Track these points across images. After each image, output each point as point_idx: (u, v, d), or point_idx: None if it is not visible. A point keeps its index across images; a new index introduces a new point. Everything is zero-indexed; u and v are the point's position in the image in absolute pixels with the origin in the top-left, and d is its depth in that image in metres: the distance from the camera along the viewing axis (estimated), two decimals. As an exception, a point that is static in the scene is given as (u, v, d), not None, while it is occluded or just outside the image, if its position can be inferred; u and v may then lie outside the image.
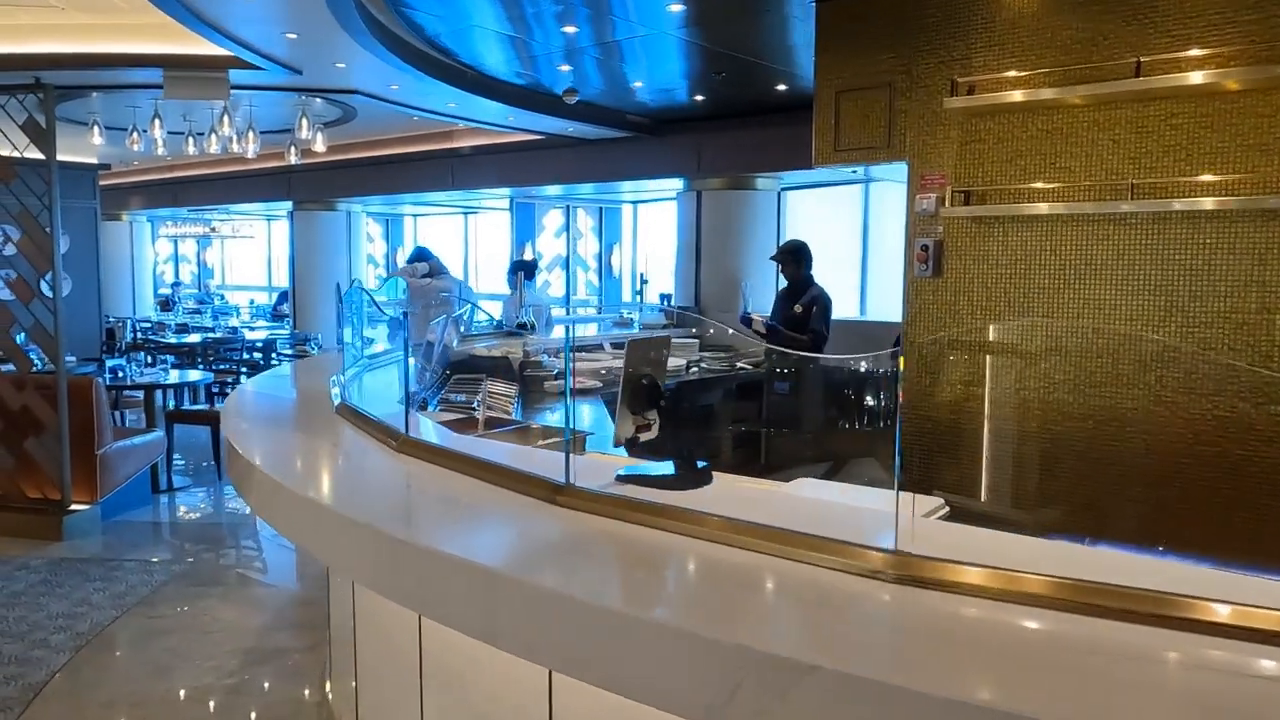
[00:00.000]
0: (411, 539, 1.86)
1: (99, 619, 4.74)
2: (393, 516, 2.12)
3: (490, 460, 2.30)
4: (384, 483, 2.44)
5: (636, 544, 1.83)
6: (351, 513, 2.04)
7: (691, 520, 1.84)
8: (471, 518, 2.08)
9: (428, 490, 2.31)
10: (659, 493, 2.10)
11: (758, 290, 8.06)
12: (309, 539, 2.26)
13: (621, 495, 2.01)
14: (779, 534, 1.73)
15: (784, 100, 6.94)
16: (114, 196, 14.29)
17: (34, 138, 5.95)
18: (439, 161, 9.99)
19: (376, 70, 5.65)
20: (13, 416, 6.13)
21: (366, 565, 2.02)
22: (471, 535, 1.95)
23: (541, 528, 1.97)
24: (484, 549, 1.86)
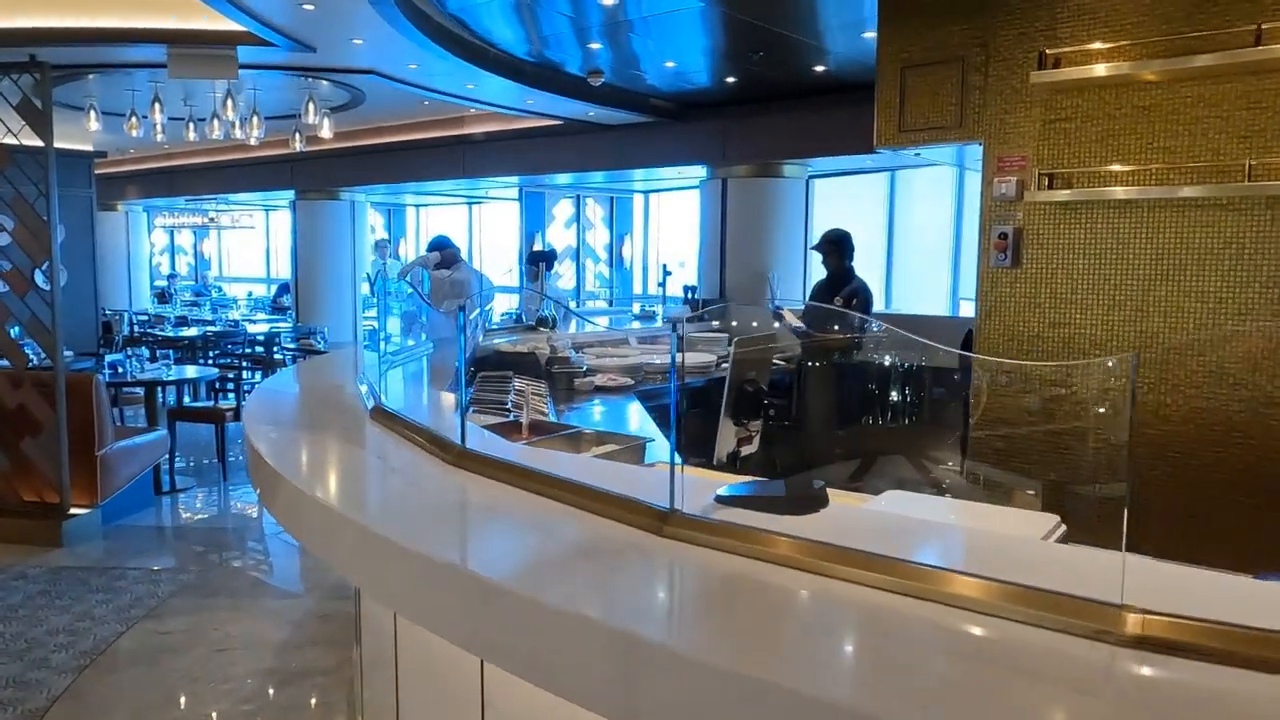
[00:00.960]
0: (509, 586, 1.54)
1: (103, 635, 4.42)
2: (471, 552, 1.80)
3: (571, 479, 1.98)
4: (443, 504, 2.12)
5: (785, 592, 1.51)
6: (418, 545, 1.72)
7: (849, 562, 1.52)
8: (566, 553, 1.75)
9: (498, 514, 1.98)
10: (775, 519, 1.78)
11: (785, 281, 7.74)
12: (364, 575, 1.93)
13: (746, 526, 1.69)
14: (1003, 590, 1.39)
15: (820, 83, 6.61)
16: (109, 186, 13.90)
17: (30, 120, 5.59)
18: (449, 149, 9.64)
19: (395, 47, 5.31)
20: (8, 415, 5.78)
21: (442, 613, 1.70)
22: (574, 578, 1.63)
23: (656, 567, 1.65)
24: (596, 598, 1.54)
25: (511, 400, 4.42)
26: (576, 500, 1.94)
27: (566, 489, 1.97)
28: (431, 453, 2.44)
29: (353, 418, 3.12)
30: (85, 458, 5.91)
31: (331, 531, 1.99)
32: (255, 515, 6.83)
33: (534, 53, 6.05)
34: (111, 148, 12.21)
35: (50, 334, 5.71)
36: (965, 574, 1.43)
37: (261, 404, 3.40)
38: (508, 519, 1.95)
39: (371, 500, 2.08)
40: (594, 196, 12.42)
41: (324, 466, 2.41)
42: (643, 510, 1.81)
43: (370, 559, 1.88)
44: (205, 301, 15.85)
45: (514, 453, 2.28)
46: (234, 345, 10.99)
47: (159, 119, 8.02)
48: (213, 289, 18.41)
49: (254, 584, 5.16)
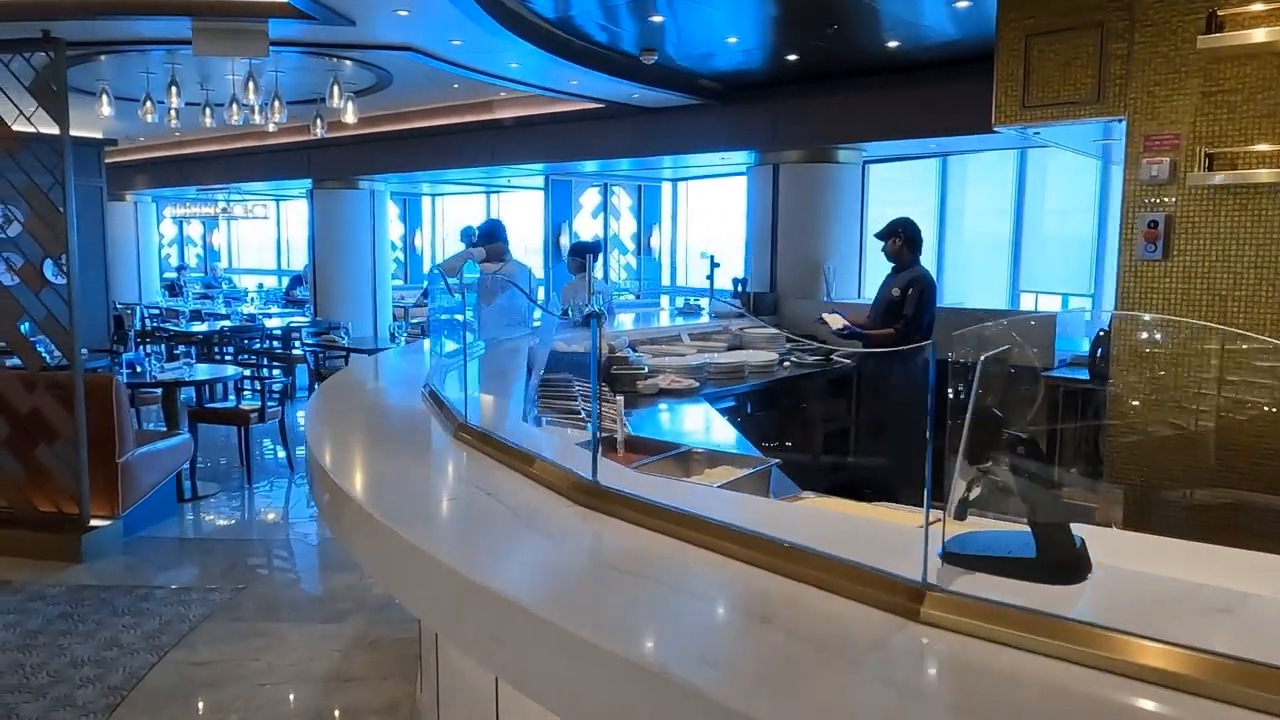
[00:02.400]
0: (722, 697, 1.12)
1: (132, 667, 4.01)
2: (655, 641, 1.37)
3: (761, 535, 1.55)
4: (594, 563, 1.69)
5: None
6: (580, 626, 1.31)
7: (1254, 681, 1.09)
8: (786, 645, 1.32)
9: (671, 581, 1.55)
10: (1030, 589, 1.37)
11: (841, 274, 7.31)
12: (502, 659, 1.51)
13: (1039, 612, 1.27)
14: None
15: (887, 60, 6.17)
16: (118, 174, 13.46)
17: (44, 102, 5.16)
18: (478, 134, 9.19)
19: (442, 19, 4.87)
20: (22, 420, 5.37)
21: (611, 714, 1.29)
22: (807, 683, 1.20)
23: (923, 674, 1.23)
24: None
25: (582, 409, 4.02)
26: (773, 562, 1.51)
27: (757, 547, 1.54)
28: (550, 486, 2.02)
29: (433, 436, 2.70)
30: (105, 465, 5.50)
31: (457, 602, 1.57)
32: (283, 522, 6.43)
33: (585, 27, 5.60)
34: (121, 135, 11.77)
35: (67, 333, 5.29)
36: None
37: (323, 419, 2.97)
38: (687, 589, 1.52)
39: (501, 557, 1.66)
40: (622, 184, 11.96)
41: (426, 507, 1.99)
42: (881, 583, 1.38)
43: (514, 639, 1.46)
44: (218, 294, 15.42)
45: (663, 492, 1.86)
46: (250, 341, 10.57)
47: (175, 103, 7.59)
48: (223, 281, 17.98)
49: (292, 605, 4.75)
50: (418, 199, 16.24)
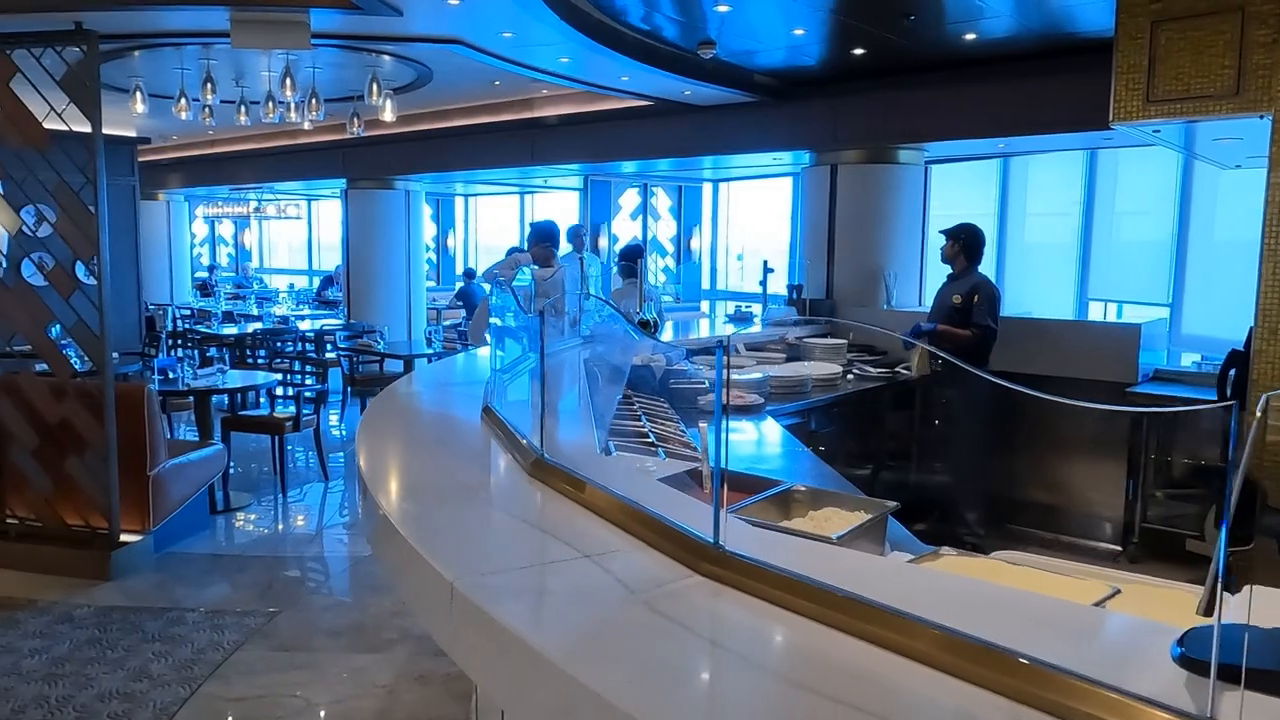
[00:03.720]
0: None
1: (162, 702, 3.74)
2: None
3: (1007, 650, 1.21)
4: (749, 672, 1.36)
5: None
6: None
7: None
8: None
9: (856, 692, 1.22)
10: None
11: (902, 280, 6.94)
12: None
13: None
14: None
15: (961, 55, 5.81)
16: (150, 173, 13.30)
17: (75, 97, 4.92)
18: (518, 133, 8.90)
19: (495, 11, 4.58)
20: (51, 431, 5.13)
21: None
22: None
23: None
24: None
25: (650, 430, 3.69)
26: (1020, 688, 1.17)
27: (988, 662, 1.20)
28: (660, 549, 1.70)
29: (504, 473, 2.39)
30: (136, 478, 5.26)
31: (570, 715, 1.25)
32: (319, 537, 6.17)
33: (641, 19, 5.28)
34: (155, 133, 11.60)
35: (98, 340, 5.04)
36: None
37: (377, 449, 2.67)
38: (878, 705, 1.19)
39: (621, 656, 1.34)
40: (662, 185, 11.64)
41: (518, 577, 1.66)
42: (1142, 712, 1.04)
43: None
44: (249, 295, 15.26)
45: (807, 561, 1.53)
46: (283, 343, 10.35)
47: (210, 100, 7.35)
48: (254, 281, 17.85)
49: (332, 633, 4.46)
50: (451, 199, 16.01)
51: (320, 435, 7.28)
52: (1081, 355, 5.79)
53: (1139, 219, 7.59)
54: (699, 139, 7.78)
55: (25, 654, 4.14)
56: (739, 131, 7.50)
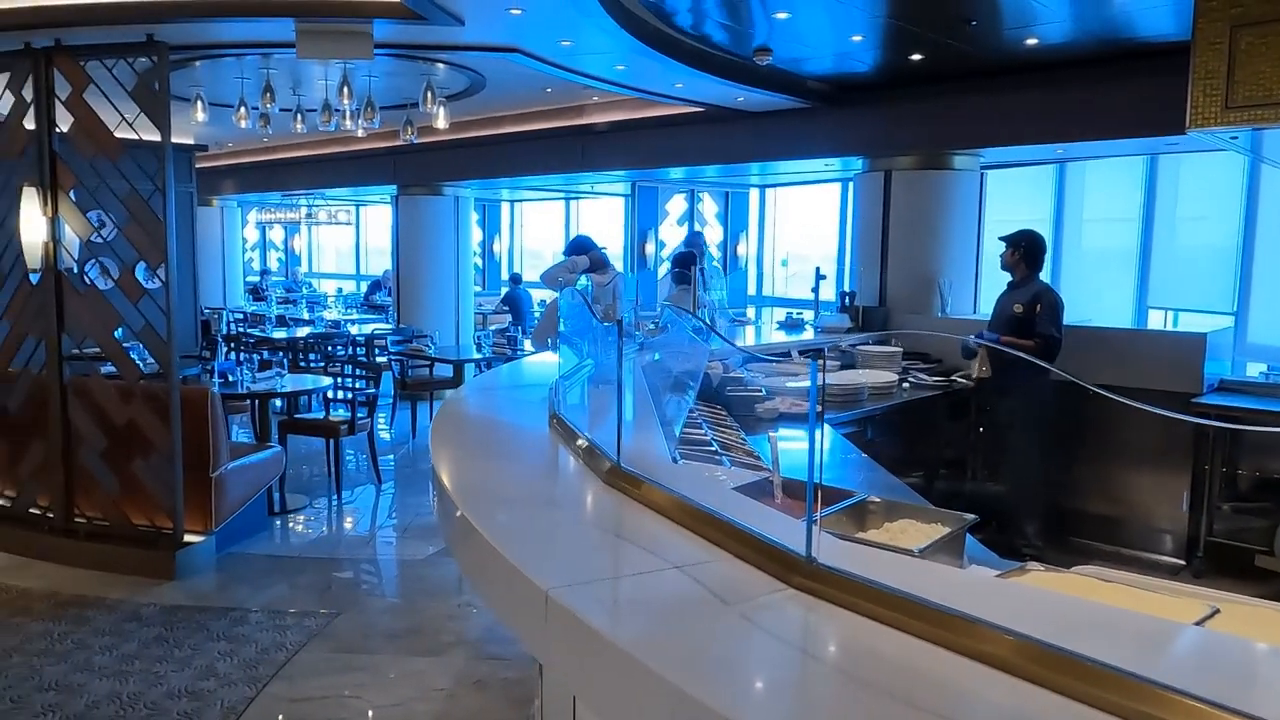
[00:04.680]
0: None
1: (230, 701, 3.80)
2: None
3: (1134, 676, 1.19)
4: (845, 683, 1.35)
5: None
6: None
7: None
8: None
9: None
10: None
11: (957, 287, 6.86)
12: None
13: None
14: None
15: (1020, 60, 5.73)
16: (206, 180, 13.58)
17: (146, 107, 5.04)
18: (568, 140, 8.94)
19: (556, 18, 4.61)
20: (119, 432, 5.26)
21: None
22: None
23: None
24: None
25: (713, 439, 3.69)
26: (1094, 694, 1.16)
27: (1126, 691, 1.18)
28: (748, 560, 1.70)
29: (579, 480, 2.40)
30: (199, 479, 5.37)
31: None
32: (374, 539, 6.24)
33: (698, 26, 5.29)
34: (211, 140, 11.84)
35: (165, 343, 5.16)
36: None
37: (451, 457, 2.69)
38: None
39: (722, 665, 1.34)
40: (709, 191, 11.63)
41: (607, 587, 1.67)
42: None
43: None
44: (299, 299, 15.50)
45: (900, 575, 1.52)
46: (334, 348, 10.50)
47: (269, 108, 7.48)
48: (303, 285, 18.14)
49: (390, 636, 4.51)
50: (497, 205, 16.14)
51: (373, 439, 7.37)
52: (1143, 365, 5.67)
53: (1201, 224, 7.42)
54: (749, 145, 7.76)
55: (96, 650, 4.24)
56: (790, 137, 7.47)
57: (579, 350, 4.00)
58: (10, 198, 5.39)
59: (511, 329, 10.53)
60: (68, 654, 4.20)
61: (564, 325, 3.82)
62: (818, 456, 1.62)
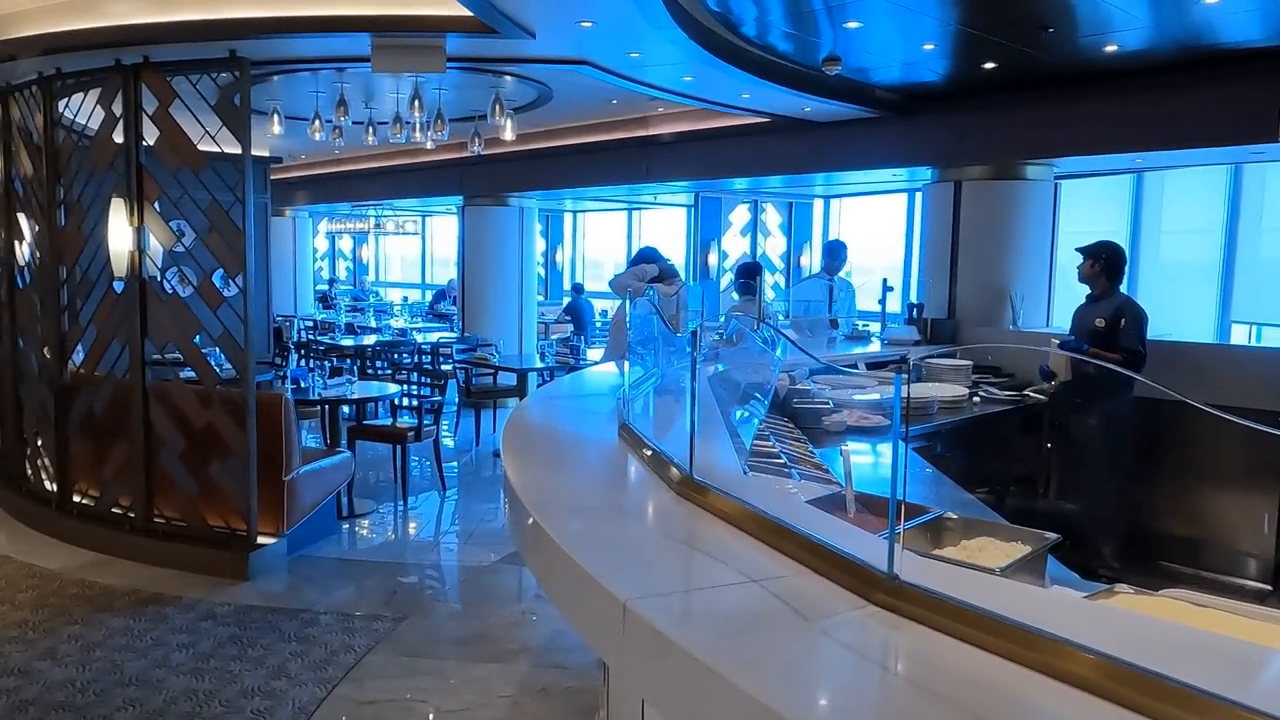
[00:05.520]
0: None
1: (301, 701, 3.88)
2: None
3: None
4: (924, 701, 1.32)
5: None
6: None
7: None
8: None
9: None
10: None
11: (1029, 300, 6.71)
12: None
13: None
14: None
15: (1098, 67, 5.61)
16: (279, 191, 13.98)
17: (228, 121, 5.20)
18: (632, 151, 8.99)
19: (626, 32, 4.64)
20: (196, 436, 5.42)
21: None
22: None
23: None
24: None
25: (780, 451, 3.66)
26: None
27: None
28: (825, 574, 1.67)
29: (650, 491, 2.40)
30: (272, 483, 5.50)
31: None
32: (440, 545, 6.32)
33: (766, 36, 5.28)
34: (285, 152, 12.18)
35: (242, 350, 5.30)
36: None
37: (524, 467, 2.71)
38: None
39: (807, 683, 1.32)
40: (772, 201, 11.58)
41: (687, 600, 1.66)
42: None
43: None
44: (367, 307, 15.83)
45: (984, 594, 1.48)
46: (401, 356, 10.68)
47: (342, 121, 7.67)
48: (370, 294, 18.51)
49: (456, 642, 4.55)
50: (560, 215, 16.28)
51: (438, 445, 7.47)
52: (1227, 381, 5.48)
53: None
54: (815, 155, 7.71)
55: (174, 648, 4.36)
56: (857, 147, 7.40)
57: (644, 360, 4.01)
58: (99, 209, 5.60)
59: (574, 338, 10.60)
60: (147, 650, 4.33)
61: (630, 335, 3.82)
62: (901, 471, 1.59)
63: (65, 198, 5.82)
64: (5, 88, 6.26)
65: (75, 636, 4.46)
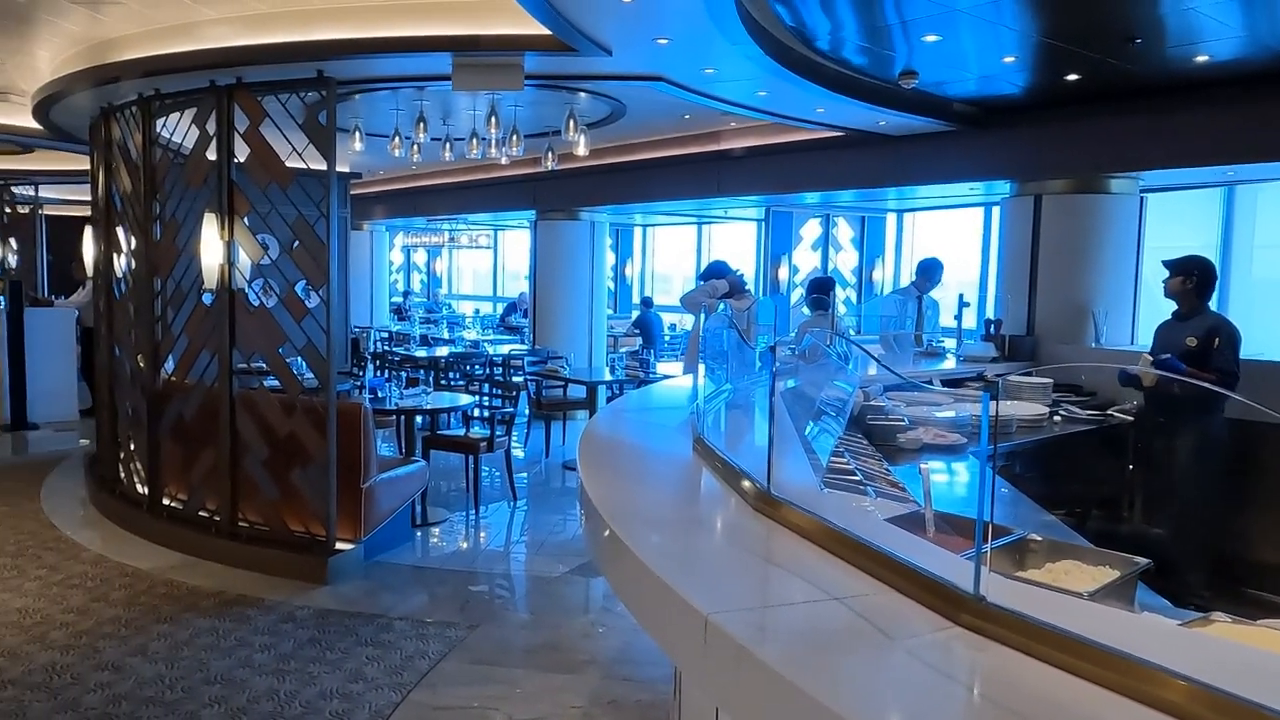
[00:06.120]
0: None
1: (377, 705, 3.96)
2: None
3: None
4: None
5: None
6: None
7: None
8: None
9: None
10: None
11: (1113, 317, 6.52)
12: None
13: None
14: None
15: (1187, 78, 5.44)
16: (357, 206, 14.36)
17: (314, 138, 5.38)
18: (703, 165, 9.01)
19: (702, 48, 4.67)
20: (280, 443, 5.59)
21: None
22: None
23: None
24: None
25: (856, 468, 3.62)
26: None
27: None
28: (907, 594, 1.66)
29: (726, 505, 2.40)
30: (351, 490, 5.64)
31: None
32: (511, 555, 6.40)
33: (842, 51, 5.26)
34: (364, 168, 12.52)
35: (324, 360, 5.46)
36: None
37: (601, 480, 2.73)
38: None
39: (891, 703, 1.31)
40: (844, 216, 11.48)
41: (769, 615, 1.66)
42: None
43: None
44: (440, 320, 16.13)
45: (1065, 617, 1.45)
46: (473, 367, 10.86)
47: (422, 138, 7.85)
48: (443, 306, 18.87)
49: (528, 651, 4.60)
50: (629, 229, 16.39)
51: (509, 456, 7.57)
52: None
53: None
54: (890, 169, 7.63)
55: (256, 648, 4.50)
56: (933, 161, 7.30)
57: (716, 374, 4.02)
58: (192, 223, 5.84)
59: (643, 352, 10.65)
60: (231, 650, 4.48)
61: (703, 349, 3.83)
62: (988, 491, 1.57)
63: (160, 213, 6.09)
64: (107, 108, 6.58)
65: (164, 635, 4.64)
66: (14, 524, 6.46)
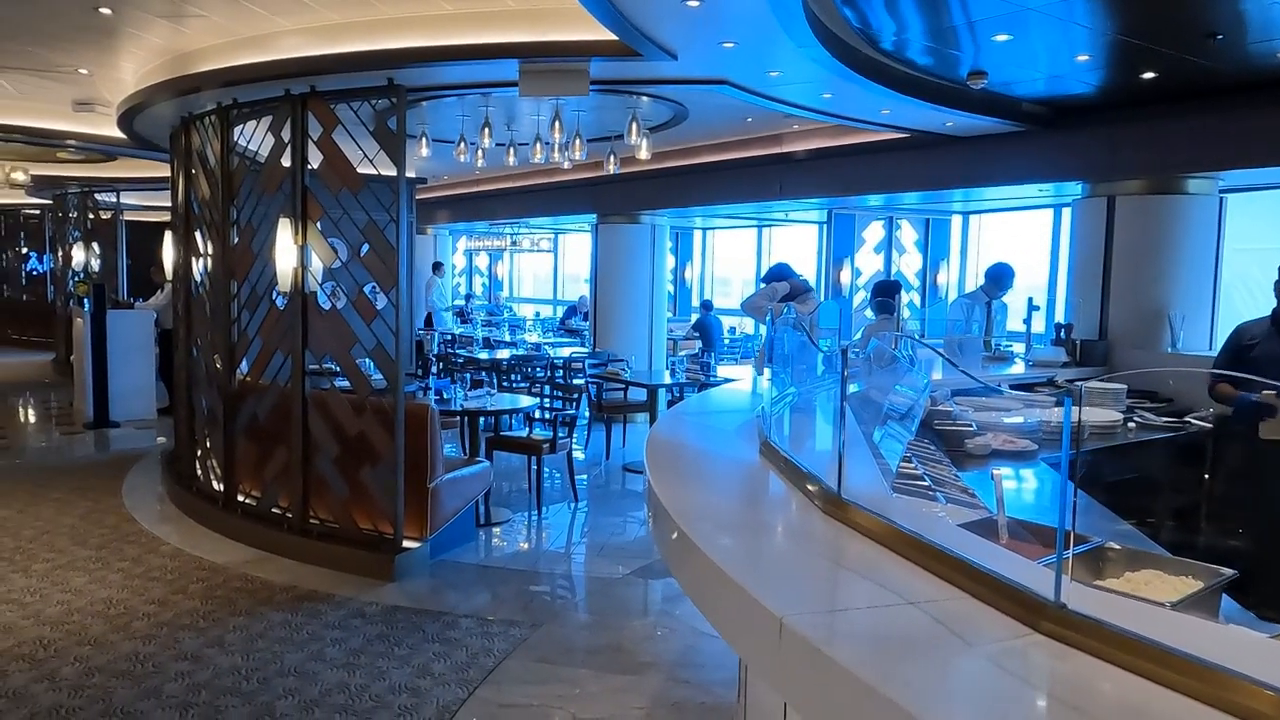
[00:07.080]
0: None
1: (444, 700, 4.03)
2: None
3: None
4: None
5: None
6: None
7: None
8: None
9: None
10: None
11: (1190, 322, 6.32)
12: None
13: None
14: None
15: (1270, 74, 5.25)
16: (422, 210, 14.62)
17: (385, 145, 5.51)
18: (766, 168, 8.98)
19: (767, 50, 4.67)
20: (349, 442, 5.72)
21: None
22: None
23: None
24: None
25: (924, 473, 3.58)
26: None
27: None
28: (985, 600, 1.64)
29: (793, 508, 2.40)
30: (417, 489, 5.74)
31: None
32: (573, 556, 6.45)
33: (909, 52, 5.20)
34: (429, 173, 12.74)
35: (393, 362, 5.57)
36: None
37: (670, 483, 2.75)
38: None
39: (970, 708, 1.30)
40: (908, 218, 11.33)
41: (844, 620, 1.66)
42: None
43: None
44: (502, 323, 16.32)
45: (1150, 626, 1.42)
46: (535, 369, 10.97)
47: (487, 144, 7.97)
48: (504, 309, 19.09)
49: (590, 651, 4.64)
50: (689, 232, 16.39)
51: (571, 458, 7.63)
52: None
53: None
54: (956, 171, 7.51)
55: (328, 643, 4.61)
56: (1001, 162, 7.17)
57: (783, 378, 4.00)
58: (267, 228, 6.02)
59: (703, 355, 10.63)
60: (304, 643, 4.60)
61: (769, 353, 3.83)
62: (1070, 498, 1.55)
63: (237, 218, 6.29)
64: (187, 117, 6.81)
65: (240, 627, 4.78)
66: (98, 518, 6.72)
